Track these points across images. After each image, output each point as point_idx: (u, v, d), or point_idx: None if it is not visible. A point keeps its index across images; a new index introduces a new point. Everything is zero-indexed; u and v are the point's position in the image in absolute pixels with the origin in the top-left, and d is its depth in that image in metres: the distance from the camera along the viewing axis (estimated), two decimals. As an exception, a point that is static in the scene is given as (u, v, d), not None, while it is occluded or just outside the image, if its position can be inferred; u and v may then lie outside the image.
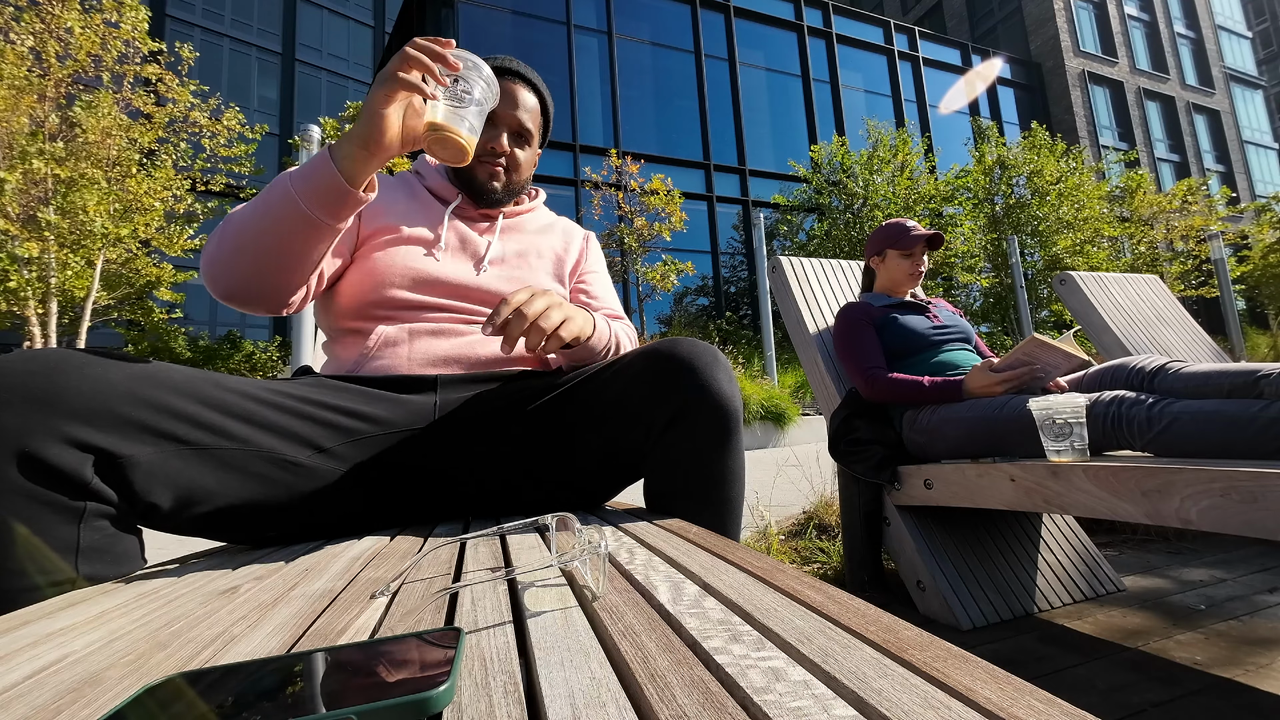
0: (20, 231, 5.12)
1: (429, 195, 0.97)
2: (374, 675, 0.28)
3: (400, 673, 0.28)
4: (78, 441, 0.54)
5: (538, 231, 1.03)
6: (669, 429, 0.74)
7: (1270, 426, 0.93)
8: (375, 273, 0.86)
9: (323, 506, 0.72)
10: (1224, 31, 23.20)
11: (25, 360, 0.55)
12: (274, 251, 0.73)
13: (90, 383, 0.56)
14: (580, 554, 0.41)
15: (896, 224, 1.70)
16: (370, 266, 0.87)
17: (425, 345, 0.85)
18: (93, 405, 0.55)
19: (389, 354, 0.84)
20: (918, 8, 22.38)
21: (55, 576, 0.54)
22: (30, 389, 0.53)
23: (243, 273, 0.75)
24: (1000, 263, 10.17)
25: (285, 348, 9.19)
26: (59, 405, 0.54)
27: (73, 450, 0.54)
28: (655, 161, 10.53)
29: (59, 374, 0.55)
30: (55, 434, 0.53)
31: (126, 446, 0.57)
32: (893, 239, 1.69)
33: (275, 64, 20.23)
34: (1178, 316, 2.41)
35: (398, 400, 0.78)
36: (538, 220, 1.05)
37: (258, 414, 0.67)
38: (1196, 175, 17.36)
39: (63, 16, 5.48)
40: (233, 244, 0.74)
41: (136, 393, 0.59)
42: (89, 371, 0.56)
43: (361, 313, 0.87)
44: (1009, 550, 1.52)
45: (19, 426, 0.52)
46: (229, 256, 0.74)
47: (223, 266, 0.75)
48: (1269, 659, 1.11)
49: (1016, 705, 0.23)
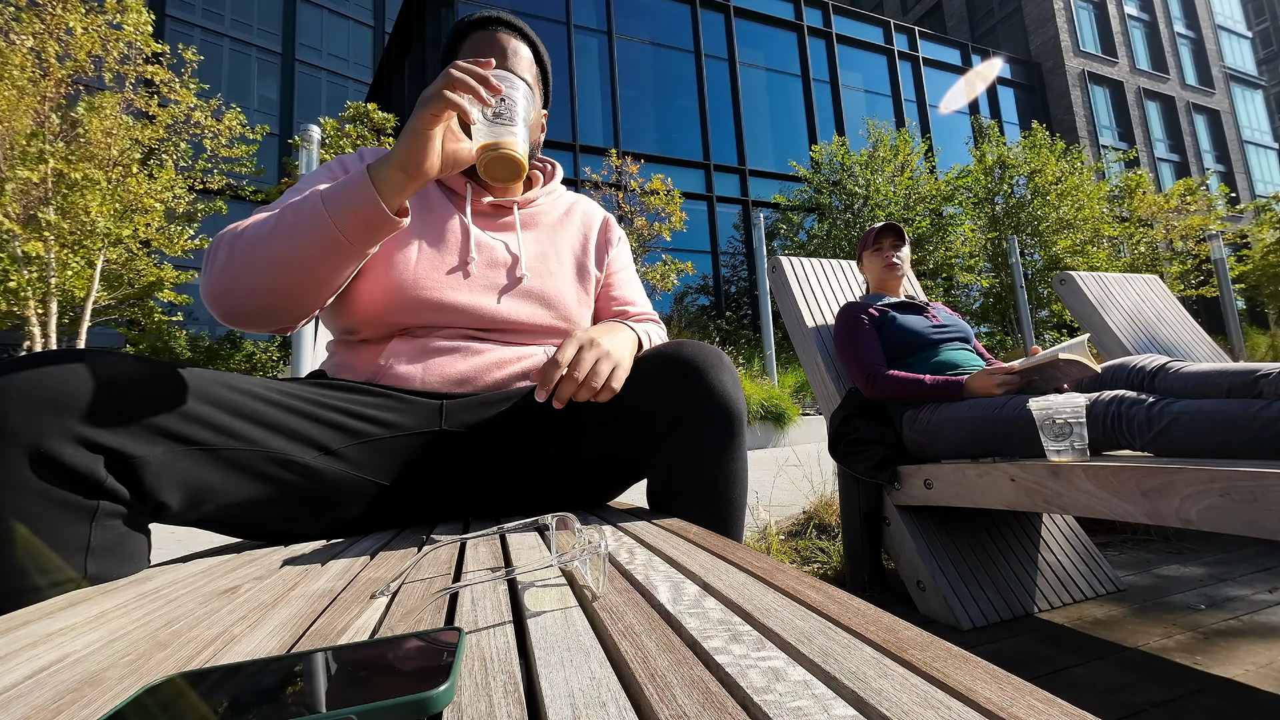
0: (22, 231, 5.12)
1: (438, 188, 0.91)
2: (374, 675, 0.28)
3: (400, 673, 0.28)
4: (90, 441, 0.55)
5: (556, 224, 0.97)
6: (672, 430, 0.74)
7: (1270, 426, 0.92)
8: (389, 290, 0.81)
9: (327, 507, 0.72)
10: (1224, 31, 23.20)
11: (38, 362, 0.56)
12: (297, 274, 0.69)
13: (103, 383, 0.57)
14: (580, 554, 0.41)
15: (868, 230, 1.84)
16: (384, 282, 0.81)
17: (441, 365, 0.82)
18: (105, 406, 0.56)
19: (402, 369, 0.81)
20: (918, 8, 22.38)
21: (56, 576, 0.54)
22: (43, 390, 0.54)
23: (257, 293, 0.70)
24: (1000, 263, 10.17)
25: (285, 348, 9.19)
26: (72, 406, 0.54)
27: (86, 450, 0.55)
28: (655, 161, 10.53)
29: (72, 375, 0.56)
30: (69, 434, 0.54)
31: (138, 447, 0.58)
32: (863, 242, 1.85)
33: (275, 64, 20.24)
34: (1178, 316, 2.41)
35: (407, 404, 0.78)
36: (556, 207, 0.99)
37: (266, 415, 0.68)
38: (1196, 175, 17.35)
39: (63, 17, 5.48)
40: (245, 263, 0.69)
41: (148, 394, 0.59)
42: (100, 373, 0.57)
43: (376, 322, 0.83)
44: (1009, 550, 1.52)
45: (33, 426, 0.53)
46: (241, 276, 0.69)
47: (232, 286, 0.70)
48: (1269, 659, 1.11)
49: (1016, 705, 0.23)
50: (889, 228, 1.77)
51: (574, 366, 0.66)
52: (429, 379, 0.81)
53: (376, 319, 0.82)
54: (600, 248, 1.00)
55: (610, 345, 0.71)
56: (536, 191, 0.97)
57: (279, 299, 0.71)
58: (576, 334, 0.69)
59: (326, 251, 0.68)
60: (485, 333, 0.86)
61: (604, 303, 1.01)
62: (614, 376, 0.68)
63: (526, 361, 0.87)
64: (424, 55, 11.99)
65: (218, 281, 0.71)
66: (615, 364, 0.69)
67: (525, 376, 0.87)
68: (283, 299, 0.71)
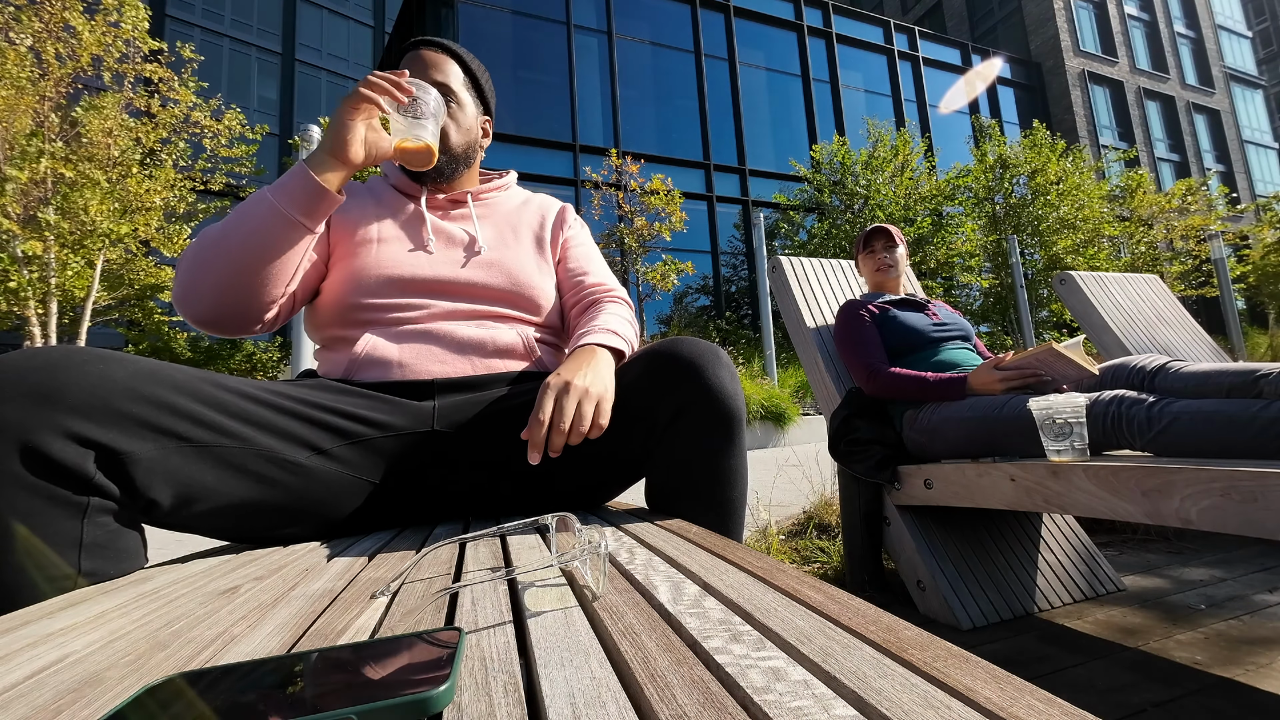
0: (22, 231, 5.12)
1: (395, 193, 0.97)
2: (374, 675, 0.28)
3: (400, 673, 0.28)
4: (79, 437, 0.55)
5: (513, 210, 1.02)
6: (671, 428, 0.74)
7: (1270, 426, 0.92)
8: (355, 277, 0.86)
9: (322, 507, 0.72)
10: (1224, 31, 23.20)
11: (27, 357, 0.56)
12: (251, 257, 0.75)
13: (92, 379, 0.56)
14: (580, 554, 0.41)
15: (861, 233, 1.87)
16: (349, 272, 0.86)
17: (415, 352, 0.83)
18: (94, 401, 0.56)
19: (380, 360, 0.82)
20: (918, 7, 22.38)
21: (53, 572, 0.54)
22: (32, 384, 0.54)
23: (219, 286, 0.76)
24: (1000, 263, 10.17)
25: (285, 348, 9.19)
26: (61, 400, 0.54)
27: (75, 445, 0.55)
28: (655, 161, 10.53)
29: (61, 370, 0.56)
30: (58, 429, 0.54)
31: (128, 442, 0.57)
32: (857, 246, 1.88)
33: (275, 64, 20.23)
34: (1178, 316, 2.41)
35: (398, 404, 0.78)
36: (511, 199, 1.04)
37: (256, 414, 0.68)
38: (1196, 175, 17.36)
39: (63, 16, 5.48)
40: (204, 260, 0.76)
41: (138, 389, 0.59)
42: (90, 368, 0.57)
43: (346, 318, 0.86)
44: (1009, 550, 1.52)
45: (21, 421, 0.53)
46: (203, 272, 0.76)
47: (197, 283, 0.76)
48: (1269, 659, 1.11)
49: (1016, 705, 0.23)
50: (878, 230, 1.81)
51: (557, 418, 0.67)
52: (406, 362, 0.82)
53: (347, 308, 0.86)
54: (557, 226, 1.04)
55: (586, 381, 0.71)
56: (490, 185, 1.03)
57: (240, 285, 0.76)
58: (550, 381, 0.70)
59: (273, 228, 0.75)
60: (451, 304, 0.88)
61: (562, 274, 1.02)
62: (599, 413, 0.69)
63: (500, 341, 0.88)
64: (424, 55, 11.98)
65: (182, 285, 0.77)
66: (597, 399, 0.70)
67: (499, 355, 0.87)
68: (244, 285, 0.77)
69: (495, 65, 10.89)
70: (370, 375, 0.82)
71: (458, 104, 0.96)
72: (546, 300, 0.96)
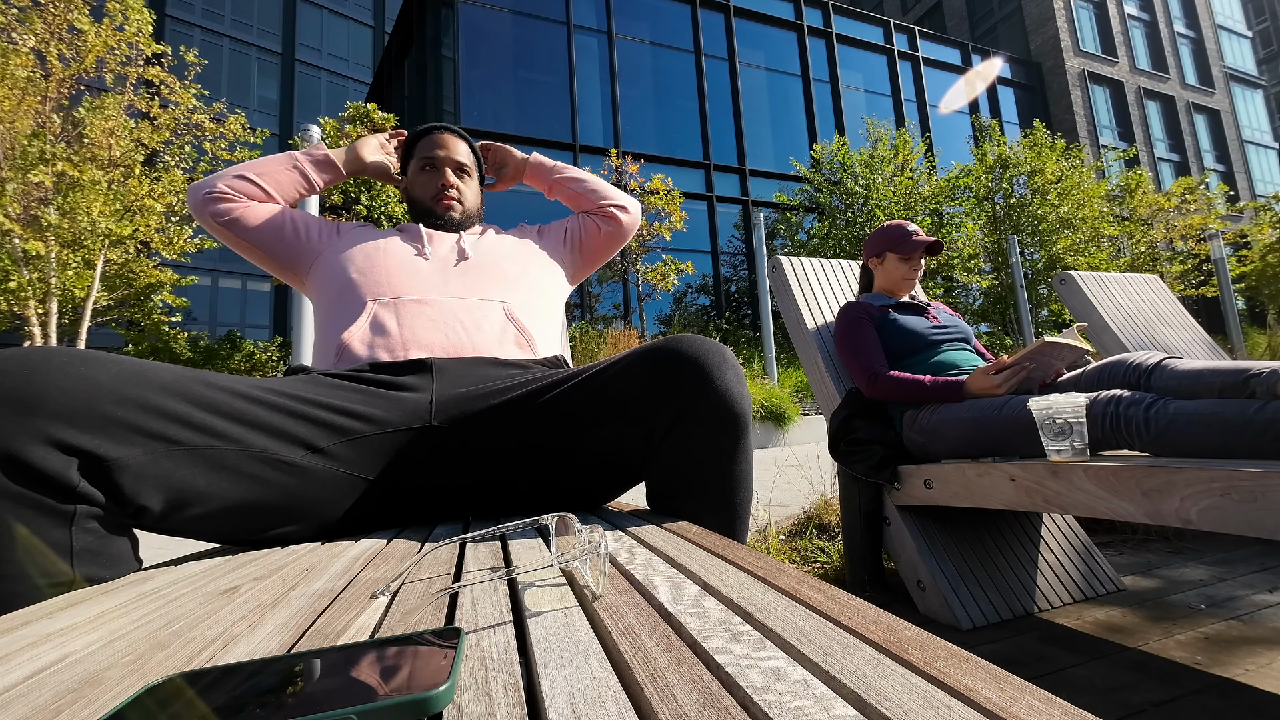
0: (23, 231, 5.12)
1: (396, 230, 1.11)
2: (374, 675, 0.28)
3: (400, 672, 0.28)
4: (62, 443, 0.53)
5: (498, 236, 1.18)
6: (672, 432, 0.71)
7: (1267, 428, 0.92)
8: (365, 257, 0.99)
9: (319, 507, 0.71)
10: (1224, 31, 23.19)
11: (4, 360, 0.53)
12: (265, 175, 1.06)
13: (74, 382, 0.54)
14: (580, 554, 0.41)
15: (898, 227, 1.69)
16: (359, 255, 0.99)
17: (411, 320, 0.90)
18: (77, 405, 0.54)
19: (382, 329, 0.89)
20: (918, 7, 22.37)
21: (56, 578, 0.53)
22: (9, 389, 0.52)
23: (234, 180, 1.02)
24: (1000, 262, 10.17)
25: (285, 348, 9.19)
26: (40, 407, 0.52)
27: (57, 453, 0.53)
28: (655, 161, 10.52)
29: (39, 375, 0.53)
30: (38, 435, 0.52)
31: (113, 449, 0.55)
32: (894, 243, 1.68)
33: (275, 64, 20.24)
34: (1177, 316, 2.41)
35: (394, 399, 0.77)
36: (495, 234, 1.20)
37: (249, 413, 0.66)
38: (1196, 175, 17.34)
39: (67, 18, 5.48)
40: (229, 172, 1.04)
41: (122, 392, 0.57)
42: (72, 370, 0.55)
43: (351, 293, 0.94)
44: (1009, 550, 1.52)
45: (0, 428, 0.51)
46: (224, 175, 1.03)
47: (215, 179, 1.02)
48: (1269, 659, 1.11)
49: (1016, 705, 0.23)
50: (936, 245, 1.65)
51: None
52: (404, 334, 0.88)
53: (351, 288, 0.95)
54: (535, 232, 1.24)
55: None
56: (476, 230, 1.18)
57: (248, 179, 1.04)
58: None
59: (288, 169, 1.09)
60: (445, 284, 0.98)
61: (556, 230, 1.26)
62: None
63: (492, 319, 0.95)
64: (424, 55, 11.99)
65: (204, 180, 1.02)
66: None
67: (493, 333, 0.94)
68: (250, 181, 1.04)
69: (495, 65, 10.90)
70: (367, 349, 0.86)
71: (470, 176, 1.19)
72: (534, 282, 1.08)
